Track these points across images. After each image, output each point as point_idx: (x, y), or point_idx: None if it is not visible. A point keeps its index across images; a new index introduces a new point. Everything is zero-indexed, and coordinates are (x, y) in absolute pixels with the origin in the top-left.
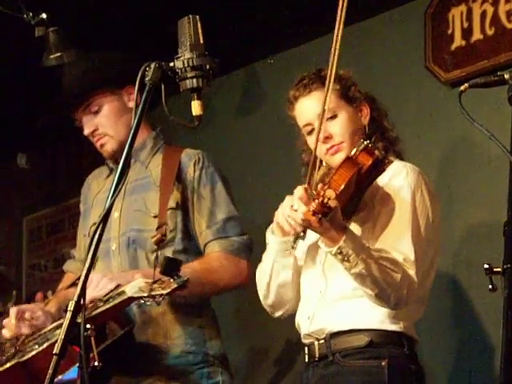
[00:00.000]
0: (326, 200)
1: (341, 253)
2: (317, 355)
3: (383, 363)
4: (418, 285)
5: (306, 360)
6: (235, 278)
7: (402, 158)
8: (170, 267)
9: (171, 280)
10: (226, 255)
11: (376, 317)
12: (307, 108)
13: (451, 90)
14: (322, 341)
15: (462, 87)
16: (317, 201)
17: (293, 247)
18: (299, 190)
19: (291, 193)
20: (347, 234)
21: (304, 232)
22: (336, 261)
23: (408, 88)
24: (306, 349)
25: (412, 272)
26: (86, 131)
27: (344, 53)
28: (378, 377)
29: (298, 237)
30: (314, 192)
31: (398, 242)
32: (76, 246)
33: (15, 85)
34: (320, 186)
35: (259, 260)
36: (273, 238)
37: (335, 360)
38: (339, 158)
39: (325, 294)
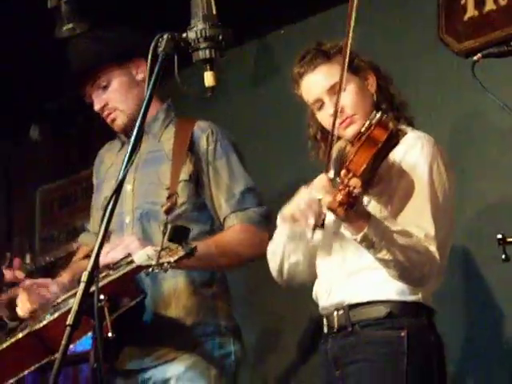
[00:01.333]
0: (351, 189)
1: (365, 240)
2: (336, 326)
3: (402, 334)
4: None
5: (325, 331)
6: (257, 248)
7: (412, 124)
8: (178, 235)
9: (179, 247)
10: (246, 226)
11: (395, 288)
12: (315, 84)
13: (464, 61)
14: (342, 311)
15: (475, 57)
16: (343, 192)
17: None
18: (322, 179)
19: (303, 164)
20: (371, 221)
21: (323, 222)
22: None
23: (421, 59)
24: (325, 320)
25: (433, 248)
26: (97, 107)
27: (356, 23)
28: (398, 347)
29: (316, 227)
30: (338, 179)
31: (418, 218)
32: (90, 220)
33: (28, 56)
34: (343, 172)
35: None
36: (283, 225)
37: (354, 331)
38: (352, 130)
39: (342, 267)
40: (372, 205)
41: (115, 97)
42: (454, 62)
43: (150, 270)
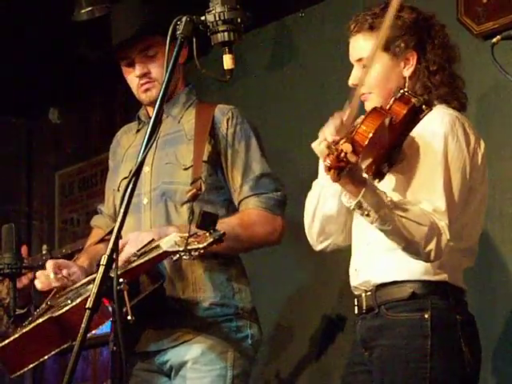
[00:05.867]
0: (342, 154)
1: (360, 207)
2: (364, 307)
3: (426, 315)
4: (464, 235)
5: (356, 312)
6: (270, 234)
7: (447, 102)
8: (207, 221)
9: (207, 234)
10: (261, 211)
11: (419, 267)
12: (351, 48)
13: (484, 43)
14: (369, 293)
15: (495, 39)
16: (331, 156)
17: None
18: (316, 144)
19: None
20: (366, 188)
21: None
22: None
23: None
24: (356, 300)
25: (442, 223)
26: (138, 72)
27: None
28: (421, 330)
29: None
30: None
31: (428, 192)
32: (104, 202)
33: (48, 39)
34: (344, 139)
35: (292, 216)
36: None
37: (380, 312)
38: (367, 107)
39: (372, 246)
40: (397, 182)
41: (160, 69)
42: (473, 44)
43: (178, 256)
